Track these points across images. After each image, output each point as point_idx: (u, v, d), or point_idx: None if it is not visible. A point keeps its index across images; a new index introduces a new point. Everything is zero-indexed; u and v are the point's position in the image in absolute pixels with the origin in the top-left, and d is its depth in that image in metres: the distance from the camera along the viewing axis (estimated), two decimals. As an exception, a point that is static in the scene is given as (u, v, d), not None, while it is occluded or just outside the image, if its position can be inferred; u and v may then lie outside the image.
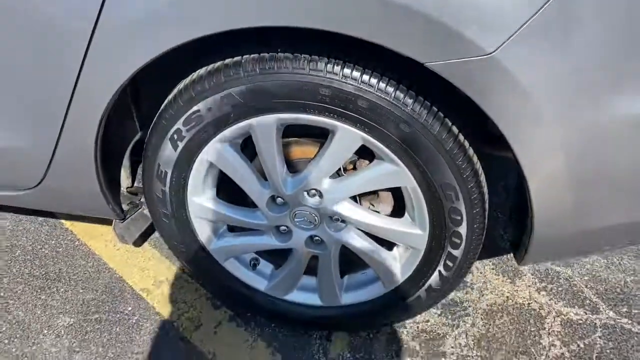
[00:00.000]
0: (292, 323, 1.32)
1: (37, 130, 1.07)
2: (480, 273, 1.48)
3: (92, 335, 1.31)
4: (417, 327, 1.34)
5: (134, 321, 1.34)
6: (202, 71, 0.97)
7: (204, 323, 1.33)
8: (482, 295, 1.42)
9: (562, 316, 1.37)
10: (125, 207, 1.28)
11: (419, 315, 1.35)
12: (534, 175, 0.92)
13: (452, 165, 0.95)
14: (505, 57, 0.80)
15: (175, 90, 1.01)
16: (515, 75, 0.81)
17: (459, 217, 1.02)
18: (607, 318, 1.37)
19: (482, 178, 1.00)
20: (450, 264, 1.10)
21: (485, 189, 1.02)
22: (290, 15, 0.83)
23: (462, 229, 1.03)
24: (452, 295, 1.41)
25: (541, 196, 0.94)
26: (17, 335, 1.31)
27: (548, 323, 1.36)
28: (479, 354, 1.29)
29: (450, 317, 1.36)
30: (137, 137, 1.20)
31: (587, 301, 1.41)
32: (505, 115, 0.86)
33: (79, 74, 0.95)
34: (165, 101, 1.03)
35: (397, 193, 1.10)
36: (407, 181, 1.00)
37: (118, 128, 1.15)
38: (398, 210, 1.13)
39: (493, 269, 1.49)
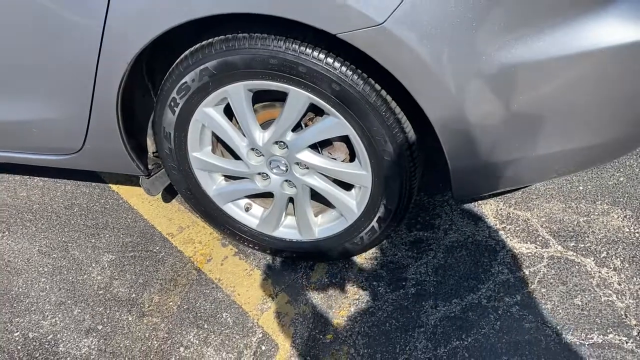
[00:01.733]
0: (281, 255, 1.62)
1: (75, 103, 1.42)
2: (447, 216, 1.72)
3: (128, 268, 1.67)
4: (385, 259, 1.60)
5: (160, 257, 1.69)
6: (187, 52, 1.29)
7: (214, 257, 1.66)
8: (446, 234, 1.66)
9: (515, 250, 1.59)
10: (150, 167, 1.63)
11: (390, 250, 1.62)
12: (438, 120, 1.16)
13: (377, 115, 1.22)
14: (394, 25, 1.05)
15: (171, 68, 1.34)
16: (406, 40, 1.06)
17: (389, 158, 1.28)
18: (554, 251, 1.57)
19: (406, 125, 1.25)
20: (392, 197, 1.36)
21: (411, 134, 1.27)
22: (235, 4, 1.11)
23: (395, 169, 1.29)
24: (420, 234, 1.66)
25: (446, 134, 1.19)
26: (73, 268, 1.69)
27: (500, 256, 1.58)
28: (434, 279, 1.54)
29: (415, 251, 1.62)
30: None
31: (540, 238, 1.62)
32: (406, 73, 1.12)
33: (99, 55, 1.29)
34: (165, 76, 1.36)
35: (351, 143, 1.37)
36: (347, 130, 1.27)
37: (139, 103, 1.49)
38: (353, 157, 1.39)
39: (460, 213, 1.73)
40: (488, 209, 1.73)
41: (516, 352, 1.35)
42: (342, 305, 1.51)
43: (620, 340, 1.35)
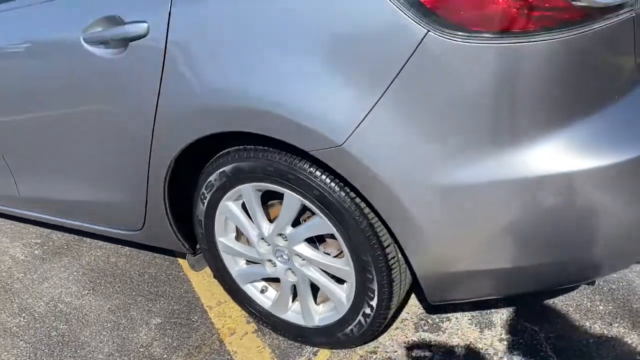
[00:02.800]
0: (289, 337, 1.79)
1: (136, 192, 1.78)
2: (457, 320, 1.77)
3: (168, 332, 1.95)
4: (385, 355, 1.70)
5: (195, 326, 1.95)
6: (213, 158, 1.59)
7: (236, 332, 1.88)
8: (450, 338, 1.71)
9: (512, 362, 1.59)
10: (198, 246, 1.93)
11: (390, 347, 1.71)
12: (397, 230, 1.31)
13: (352, 218, 1.39)
14: (352, 146, 1.26)
15: (203, 169, 1.65)
16: (362, 159, 1.26)
17: (366, 258, 1.43)
18: (553, 369, 1.55)
19: (380, 229, 1.41)
20: (371, 294, 1.49)
21: (386, 237, 1.41)
22: (235, 124, 1.40)
23: (371, 268, 1.44)
24: (424, 334, 1.73)
25: (406, 243, 1.32)
26: (128, 326, 2.01)
27: (496, 365, 1.59)
28: (424, 379, 1.60)
29: (414, 352, 1.69)
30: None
31: (541, 354, 1.60)
32: (365, 187, 1.30)
33: (149, 156, 1.64)
34: (200, 176, 1.67)
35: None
36: (331, 229, 1.46)
37: (187, 196, 1.81)
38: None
39: (470, 319, 1.77)
40: (499, 317, 1.76)
41: None
42: (334, 391, 1.62)
43: None
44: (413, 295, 1.91)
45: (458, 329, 1.74)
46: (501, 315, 1.75)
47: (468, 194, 1.23)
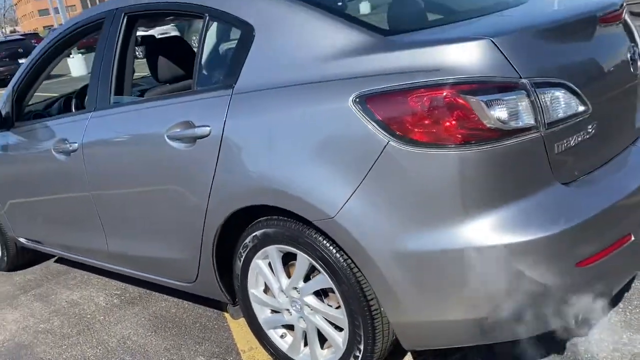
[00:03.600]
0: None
1: (191, 251, 2.32)
2: (439, 375, 2.11)
3: (208, 366, 2.41)
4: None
5: (230, 364, 2.40)
6: (249, 226, 2.12)
7: (261, 371, 2.31)
8: (430, 387, 2.05)
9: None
10: (236, 298, 2.42)
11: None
12: (375, 288, 1.75)
13: (345, 277, 1.85)
14: (343, 218, 1.74)
15: (242, 234, 2.17)
16: (348, 228, 1.74)
17: (355, 308, 1.86)
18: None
19: (366, 286, 1.84)
20: (359, 339, 1.90)
21: (369, 292, 1.84)
22: (259, 200, 1.93)
23: (358, 316, 1.86)
24: (410, 383, 2.09)
25: (383, 301, 1.75)
26: (178, 361, 2.49)
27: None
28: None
29: (399, 394, 2.04)
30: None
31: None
32: (352, 252, 1.76)
33: (204, 223, 2.20)
34: (240, 238, 2.19)
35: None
36: (330, 284, 1.91)
37: (229, 256, 2.33)
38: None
39: (450, 374, 2.11)
40: (475, 375, 2.08)
41: None
42: (330, 421, 1.99)
43: None
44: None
45: (439, 381, 2.08)
46: (478, 373, 2.08)
47: (422, 258, 1.67)
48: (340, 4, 2.22)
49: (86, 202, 2.72)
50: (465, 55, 1.59)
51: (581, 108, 1.69)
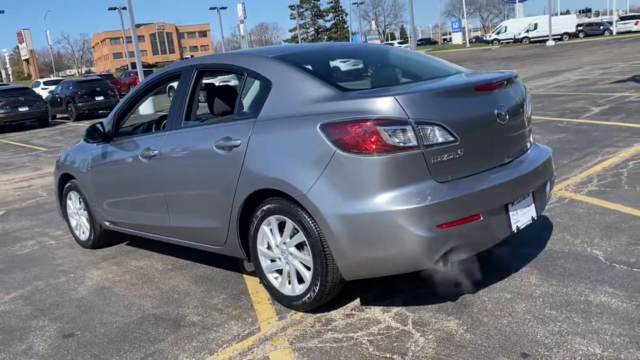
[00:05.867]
0: (282, 301, 3.39)
1: (224, 220, 3.59)
2: (371, 310, 3.26)
3: (231, 300, 3.63)
4: (329, 318, 3.22)
5: (243, 297, 3.61)
6: (260, 204, 3.38)
7: (260, 301, 3.51)
8: (368, 316, 3.20)
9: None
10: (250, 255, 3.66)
11: (332, 318, 3.23)
12: (330, 240, 2.98)
13: (311, 233, 3.07)
14: (311, 194, 2.99)
15: (255, 208, 3.43)
16: (313, 201, 2.98)
17: (316, 253, 3.08)
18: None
19: (323, 239, 3.04)
20: (317, 275, 3.09)
21: (325, 243, 3.05)
22: (255, 186, 3.22)
23: (317, 258, 3.07)
24: (355, 315, 3.24)
25: (332, 247, 2.97)
26: (207, 294, 3.72)
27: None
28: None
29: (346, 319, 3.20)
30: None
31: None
32: (316, 218, 3.00)
33: (233, 202, 3.47)
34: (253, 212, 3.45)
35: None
36: (303, 239, 3.14)
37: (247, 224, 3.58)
38: (313, 256, 3.20)
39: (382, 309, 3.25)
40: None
41: None
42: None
43: None
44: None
45: (371, 315, 3.23)
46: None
47: (355, 218, 2.88)
48: (323, 71, 3.54)
49: (158, 190, 4.06)
50: (380, 105, 2.86)
51: (450, 138, 2.91)
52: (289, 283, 3.37)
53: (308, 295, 3.21)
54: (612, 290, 3.14)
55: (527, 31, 54.03)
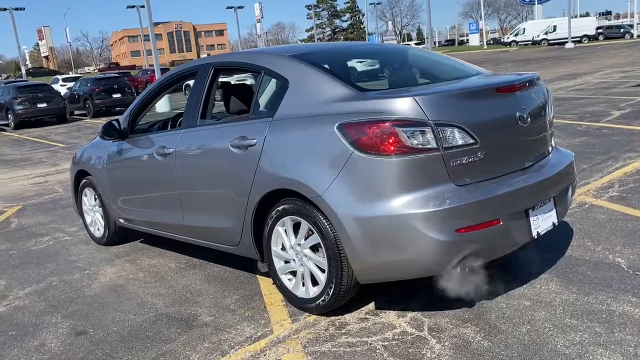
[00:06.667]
0: (296, 304, 3.34)
1: (237, 221, 3.56)
2: (386, 315, 3.20)
3: (244, 300, 3.59)
4: (343, 322, 3.17)
5: (256, 298, 3.57)
6: (275, 204, 3.34)
7: (273, 303, 3.47)
8: (382, 320, 3.14)
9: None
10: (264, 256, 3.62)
11: (345, 322, 3.18)
12: (344, 243, 2.93)
13: (326, 234, 3.02)
14: (327, 195, 2.94)
15: (270, 209, 3.39)
16: (330, 203, 2.93)
17: (331, 256, 3.02)
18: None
19: (338, 240, 2.99)
20: (332, 277, 3.04)
21: (340, 245, 3.00)
22: (270, 188, 3.18)
23: (332, 261, 3.02)
24: (370, 320, 3.19)
25: (347, 250, 2.92)
26: (220, 294, 3.69)
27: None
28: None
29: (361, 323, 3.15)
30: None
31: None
32: (331, 220, 2.95)
33: (247, 202, 3.44)
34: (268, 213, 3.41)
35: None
36: (318, 240, 3.09)
37: (261, 225, 3.55)
38: (328, 258, 3.15)
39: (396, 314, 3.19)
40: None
41: None
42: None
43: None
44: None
45: (386, 320, 3.17)
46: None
47: (370, 221, 2.83)
48: (341, 71, 3.48)
49: (173, 188, 4.04)
50: (398, 105, 2.80)
51: (470, 141, 2.84)
52: (303, 285, 3.32)
53: (322, 298, 3.16)
54: (636, 299, 3.05)
55: (546, 33, 53.44)
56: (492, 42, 74.33)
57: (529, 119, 3.14)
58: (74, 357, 3.11)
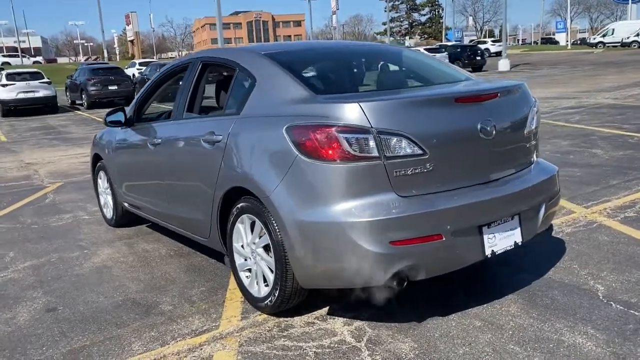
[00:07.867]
0: (249, 300, 3.35)
1: (207, 213, 3.61)
2: (333, 320, 3.15)
3: (213, 290, 3.65)
4: (288, 324, 3.15)
5: (221, 291, 3.62)
6: (236, 201, 3.36)
7: (233, 298, 3.50)
8: (327, 325, 3.10)
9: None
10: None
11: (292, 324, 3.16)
12: (287, 246, 2.90)
13: (275, 235, 3.01)
14: (274, 197, 2.93)
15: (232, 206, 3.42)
16: (276, 204, 2.92)
17: (277, 257, 3.01)
18: (359, 344, 2.86)
19: (284, 242, 2.97)
20: (278, 279, 3.03)
21: (286, 248, 2.98)
22: (229, 185, 3.19)
23: (279, 262, 3.01)
24: (315, 324, 3.15)
25: (289, 253, 2.90)
26: (189, 285, 3.76)
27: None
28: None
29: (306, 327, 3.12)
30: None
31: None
32: (277, 221, 2.94)
33: (214, 195, 3.48)
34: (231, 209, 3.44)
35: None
36: (268, 240, 3.08)
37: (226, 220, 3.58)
38: (279, 259, 3.14)
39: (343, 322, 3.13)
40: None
41: (294, 364, 2.75)
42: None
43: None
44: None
45: (333, 326, 3.12)
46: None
47: (310, 226, 2.79)
48: (307, 72, 3.44)
49: (160, 177, 4.15)
50: (343, 111, 2.73)
51: (418, 151, 2.73)
52: (257, 284, 3.33)
53: (270, 299, 3.15)
54: (593, 331, 2.83)
55: (638, 35, 49.99)
56: (579, 42, 70.49)
57: (493, 131, 2.96)
58: (33, 332, 3.29)
